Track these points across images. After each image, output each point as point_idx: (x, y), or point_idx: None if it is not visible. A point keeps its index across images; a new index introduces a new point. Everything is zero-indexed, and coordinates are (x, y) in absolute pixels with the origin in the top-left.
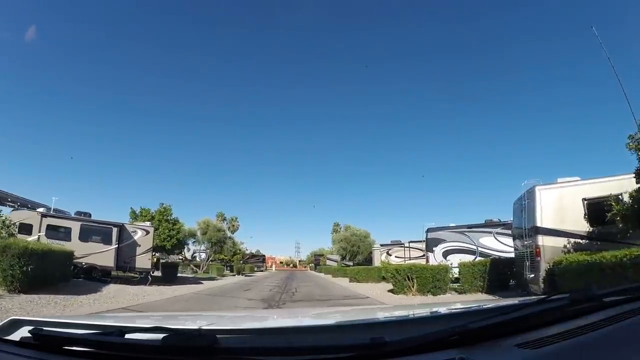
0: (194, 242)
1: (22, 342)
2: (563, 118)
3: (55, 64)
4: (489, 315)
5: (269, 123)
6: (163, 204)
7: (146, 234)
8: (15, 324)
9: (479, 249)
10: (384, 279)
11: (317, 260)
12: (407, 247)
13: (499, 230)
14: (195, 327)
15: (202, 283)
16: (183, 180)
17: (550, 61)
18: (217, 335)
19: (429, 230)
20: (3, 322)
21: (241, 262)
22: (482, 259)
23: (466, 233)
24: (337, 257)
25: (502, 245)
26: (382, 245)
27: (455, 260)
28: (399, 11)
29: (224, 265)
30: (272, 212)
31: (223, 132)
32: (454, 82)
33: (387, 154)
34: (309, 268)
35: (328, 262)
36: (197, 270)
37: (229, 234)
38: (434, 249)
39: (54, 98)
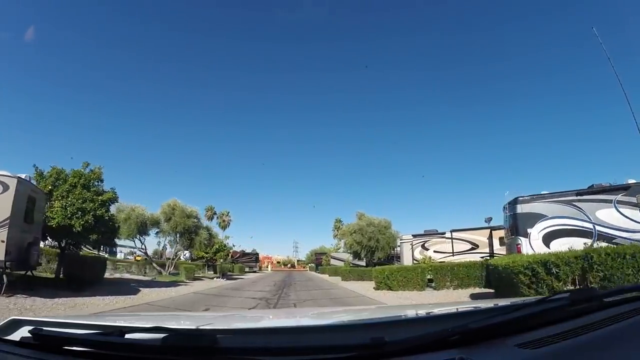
0: (157, 232)
1: (22, 342)
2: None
3: None
4: (489, 315)
5: (268, 123)
6: (88, 163)
7: (1, 192)
8: (15, 324)
9: (596, 227)
10: (430, 282)
11: (318, 260)
12: (449, 237)
13: (620, 197)
14: (195, 327)
15: (137, 292)
16: (178, 181)
17: (554, 64)
18: (217, 335)
19: (518, 202)
20: (3, 322)
21: (223, 260)
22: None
23: (576, 203)
24: (346, 256)
25: (628, 222)
26: (414, 236)
27: (560, 247)
28: (403, 20)
29: (205, 265)
30: (269, 211)
31: (220, 132)
32: (448, 82)
33: (388, 151)
34: (308, 268)
35: (332, 262)
36: (162, 270)
37: (205, 222)
38: (528, 230)
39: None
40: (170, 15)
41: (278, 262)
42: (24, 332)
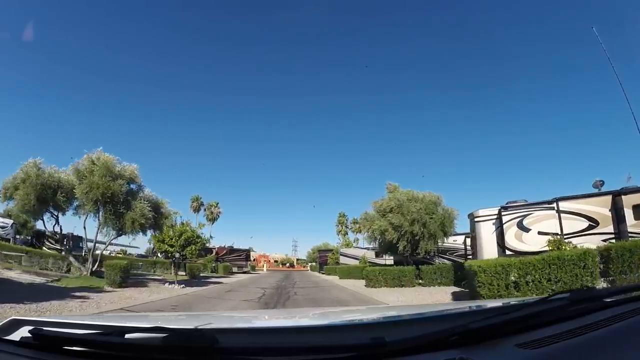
0: (76, 206)
1: (22, 342)
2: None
3: None
4: (489, 315)
5: (266, 123)
6: None
7: None
8: (15, 324)
9: None
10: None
11: (322, 258)
12: (556, 210)
13: None
14: (195, 327)
15: None
16: (175, 179)
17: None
18: (217, 335)
19: None
20: (3, 322)
21: (194, 255)
22: None
23: None
24: (361, 252)
25: None
26: (504, 208)
27: None
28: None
29: (173, 263)
30: (267, 211)
31: (218, 132)
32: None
33: (389, 149)
34: (309, 268)
35: (343, 260)
36: (82, 268)
37: (149, 191)
38: None
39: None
40: (168, 16)
41: (275, 261)
42: (24, 332)
